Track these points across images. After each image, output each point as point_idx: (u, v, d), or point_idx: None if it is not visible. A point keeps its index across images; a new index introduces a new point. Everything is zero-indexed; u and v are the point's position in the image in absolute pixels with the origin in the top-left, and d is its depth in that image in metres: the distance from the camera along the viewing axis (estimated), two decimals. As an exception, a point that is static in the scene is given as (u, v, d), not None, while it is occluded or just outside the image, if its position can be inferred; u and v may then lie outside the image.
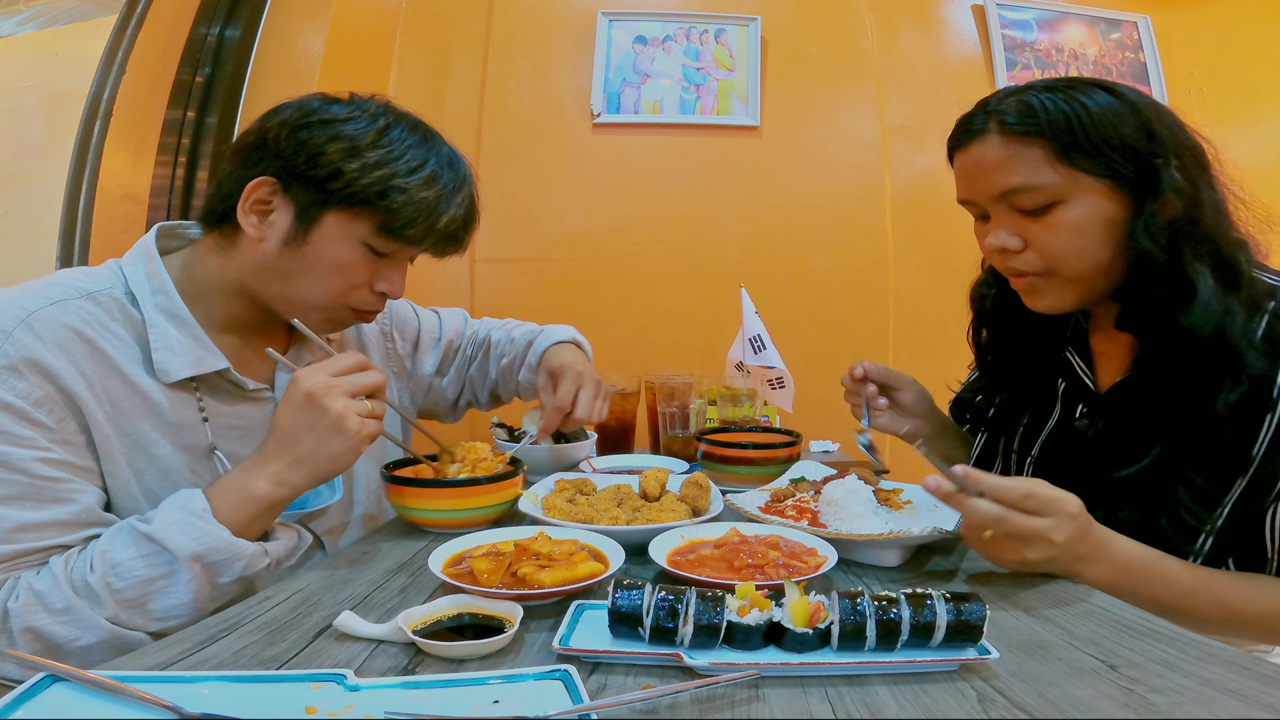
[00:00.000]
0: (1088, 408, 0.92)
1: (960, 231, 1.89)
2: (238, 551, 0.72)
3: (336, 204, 0.81)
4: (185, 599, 0.71)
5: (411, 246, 0.88)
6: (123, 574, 0.70)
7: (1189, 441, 0.78)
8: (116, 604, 0.70)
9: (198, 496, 0.73)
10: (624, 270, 2.25)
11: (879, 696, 0.50)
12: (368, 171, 0.80)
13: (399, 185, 0.82)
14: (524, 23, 2.34)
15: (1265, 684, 0.50)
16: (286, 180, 0.81)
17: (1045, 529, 0.69)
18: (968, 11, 2.40)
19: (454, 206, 0.87)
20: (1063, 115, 0.79)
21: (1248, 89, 2.27)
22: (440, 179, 0.85)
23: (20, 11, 2.17)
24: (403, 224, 0.83)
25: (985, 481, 0.69)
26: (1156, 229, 0.78)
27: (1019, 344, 1.00)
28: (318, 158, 0.80)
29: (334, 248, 0.83)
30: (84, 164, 1.71)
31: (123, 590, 0.70)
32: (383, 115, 0.84)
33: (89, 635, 0.69)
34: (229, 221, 0.84)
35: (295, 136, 0.81)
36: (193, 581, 0.71)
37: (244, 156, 0.83)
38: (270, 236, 0.83)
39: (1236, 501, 0.76)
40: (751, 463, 1.13)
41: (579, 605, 0.62)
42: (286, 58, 1.96)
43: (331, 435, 0.74)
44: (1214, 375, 0.76)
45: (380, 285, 0.89)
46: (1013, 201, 0.83)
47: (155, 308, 0.82)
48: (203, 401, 0.86)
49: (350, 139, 0.81)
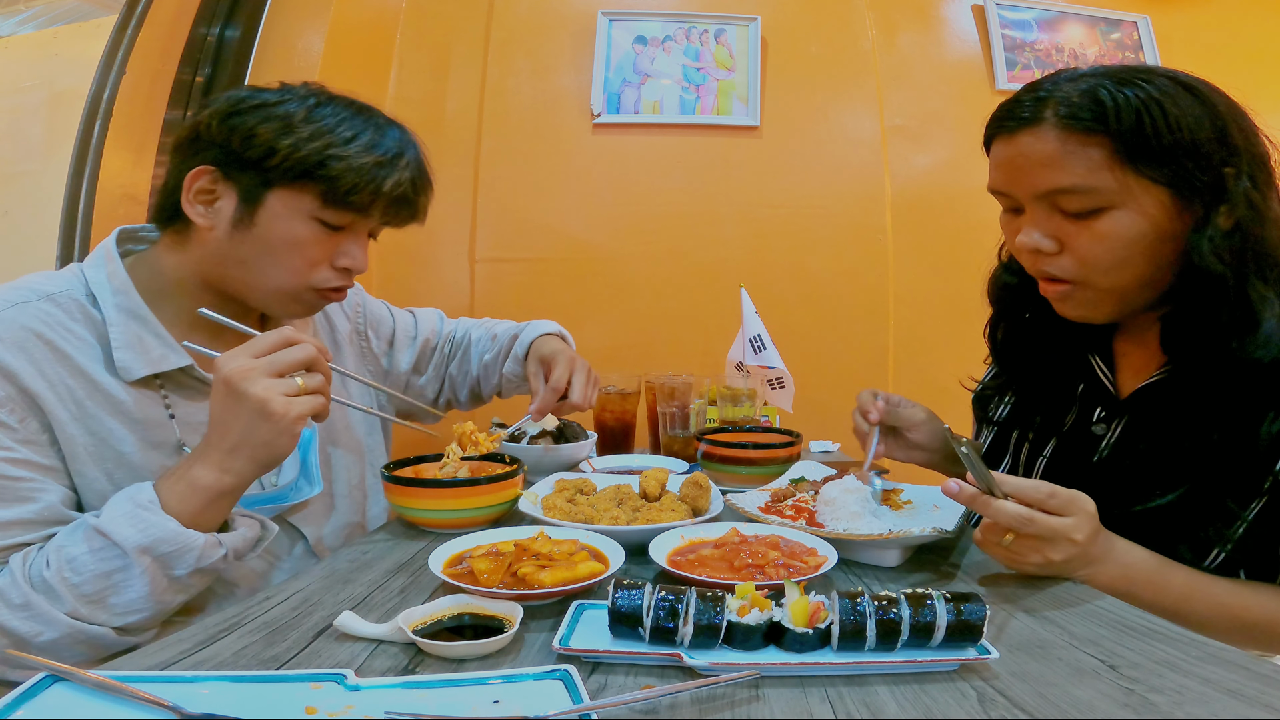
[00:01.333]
0: (1106, 411, 0.88)
1: (960, 231, 1.89)
2: (187, 543, 0.70)
3: (278, 181, 0.82)
4: (142, 592, 0.70)
5: (362, 216, 0.87)
6: (78, 569, 0.69)
7: (1216, 468, 0.75)
8: (75, 599, 0.69)
9: (145, 489, 0.72)
10: (624, 270, 2.26)
11: (879, 696, 0.50)
12: (302, 145, 0.81)
13: (336, 154, 0.82)
14: (524, 23, 2.34)
15: (1265, 684, 0.50)
16: (225, 167, 0.82)
17: (1068, 528, 0.68)
18: (968, 11, 2.40)
19: (398, 170, 0.87)
20: (1134, 112, 0.71)
21: (1248, 89, 2.26)
22: (379, 146, 0.85)
23: (20, 11, 2.17)
24: (346, 191, 0.83)
25: (1008, 483, 0.69)
26: (1222, 246, 0.72)
27: (1039, 341, 0.94)
28: (251, 139, 0.81)
29: (284, 226, 0.83)
30: (84, 164, 1.71)
31: (79, 585, 0.69)
32: (313, 96, 0.85)
33: (51, 631, 0.68)
34: (180, 217, 0.85)
35: (227, 123, 0.82)
36: (145, 574, 0.69)
37: (182, 151, 0.85)
38: (219, 223, 0.83)
39: (1255, 517, 0.74)
40: (751, 463, 1.13)
41: (579, 605, 0.62)
42: (286, 58, 1.96)
43: (258, 421, 0.71)
44: (1259, 403, 0.72)
45: (342, 260, 0.89)
46: (1057, 201, 0.76)
47: (116, 307, 0.83)
48: (169, 399, 0.86)
49: (282, 118, 0.82)
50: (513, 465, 0.96)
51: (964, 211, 2.14)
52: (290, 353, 0.74)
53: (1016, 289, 0.94)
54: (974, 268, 1.03)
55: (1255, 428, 0.72)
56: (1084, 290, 0.80)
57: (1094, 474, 0.86)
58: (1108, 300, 0.80)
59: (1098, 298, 0.80)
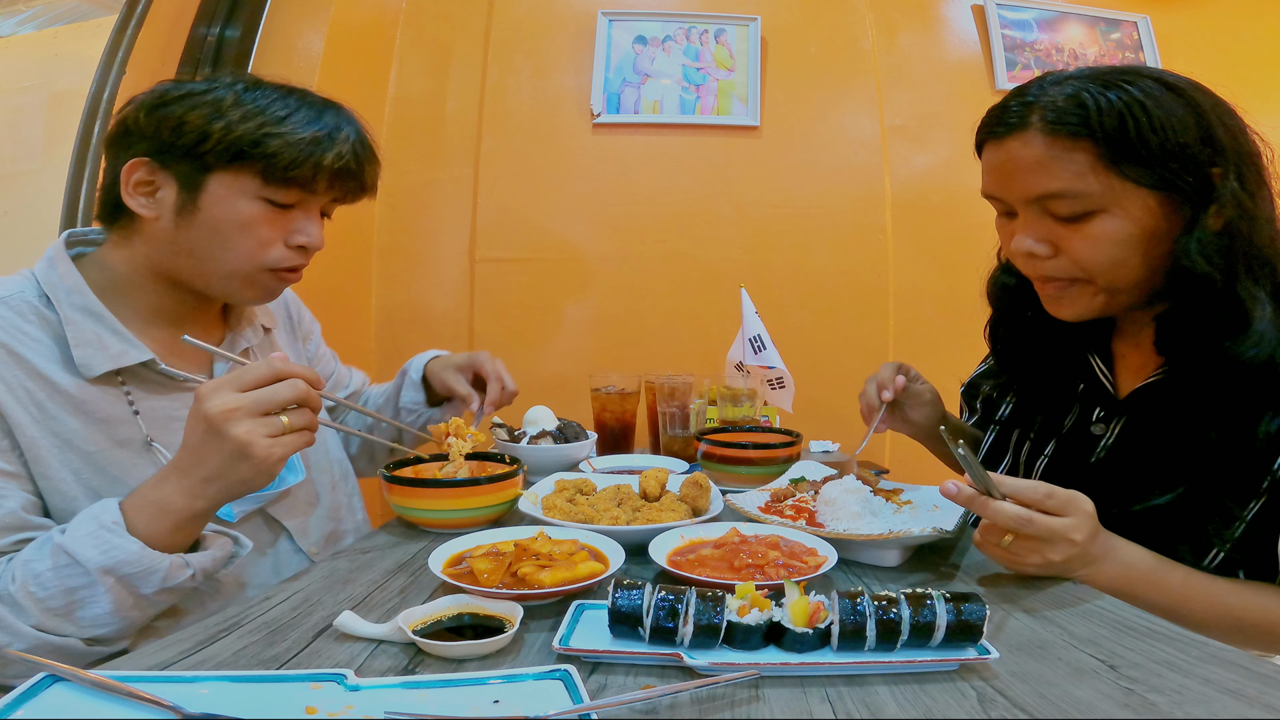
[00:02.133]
0: (1105, 411, 0.88)
1: (960, 231, 1.90)
2: (151, 565, 0.68)
3: (216, 165, 0.81)
4: (107, 609, 0.68)
5: (308, 192, 0.86)
6: (43, 584, 0.67)
7: (1214, 467, 0.75)
8: (40, 612, 0.67)
9: (111, 507, 0.70)
10: (624, 270, 2.26)
11: (879, 696, 0.50)
12: (235, 126, 0.80)
13: (271, 132, 0.81)
14: (524, 23, 2.34)
15: (1265, 684, 0.50)
16: (160, 156, 0.82)
17: (1067, 529, 0.68)
18: (968, 11, 2.40)
19: (338, 143, 0.86)
20: (1117, 116, 0.71)
21: (1248, 89, 2.26)
22: (316, 123, 0.85)
23: (20, 11, 2.17)
24: (285, 166, 0.82)
25: (1006, 484, 0.69)
26: (1211, 246, 0.72)
27: (1039, 341, 0.95)
28: (181, 127, 0.80)
29: (228, 208, 0.83)
30: (84, 164, 1.71)
31: (45, 600, 0.67)
32: (240, 82, 0.85)
33: (19, 642, 0.67)
34: (124, 213, 0.84)
35: (154, 114, 0.81)
36: (109, 592, 0.67)
37: (115, 146, 0.84)
38: (163, 213, 0.83)
39: (1254, 517, 0.74)
40: (751, 463, 1.13)
41: (579, 605, 0.62)
42: (286, 58, 1.96)
43: (236, 462, 0.68)
44: (1256, 403, 0.72)
45: (297, 239, 0.88)
46: (1047, 206, 0.77)
47: (71, 306, 0.82)
48: (131, 395, 0.84)
49: (211, 104, 0.81)
50: (513, 465, 0.96)
51: (964, 211, 2.14)
52: (278, 390, 0.70)
53: (1015, 290, 0.94)
54: (974, 267, 1.03)
55: (1252, 428, 0.72)
56: (1076, 288, 0.80)
57: (1093, 474, 0.86)
58: (1099, 299, 0.80)
59: (1090, 296, 0.80)
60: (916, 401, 1.07)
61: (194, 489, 0.70)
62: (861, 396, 1.09)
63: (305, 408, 0.73)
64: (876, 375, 1.08)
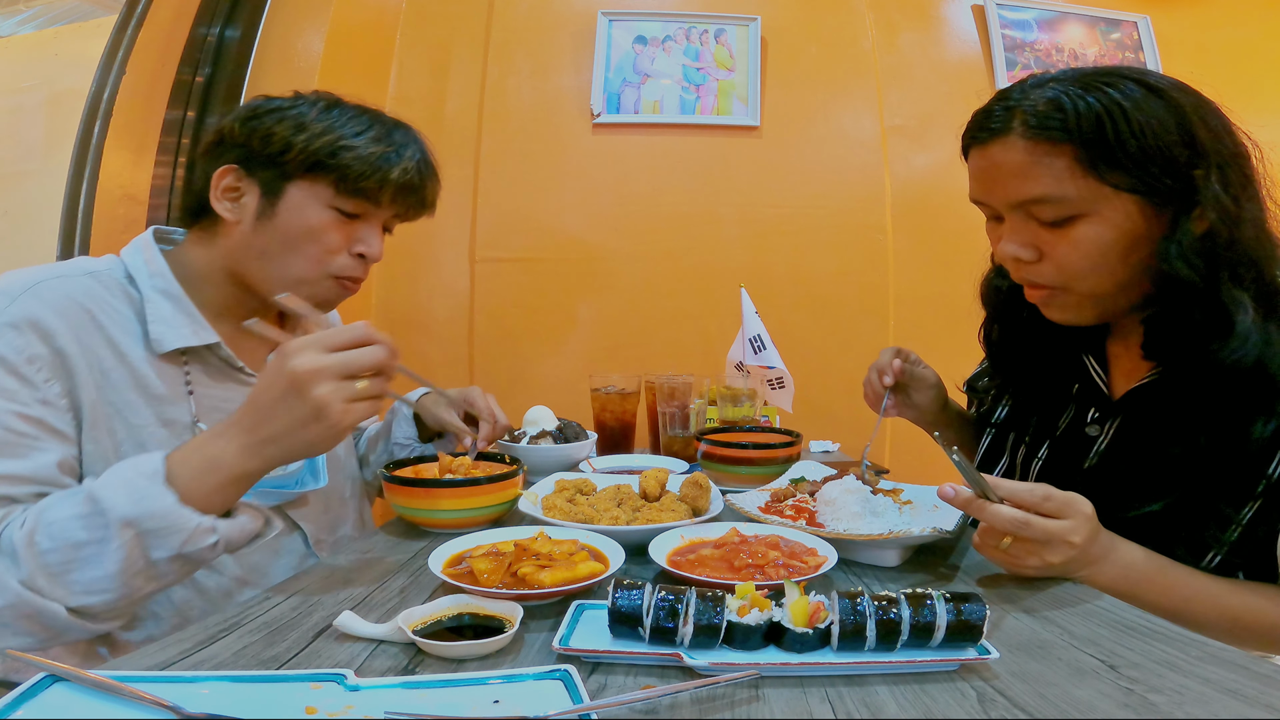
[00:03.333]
0: (1099, 412, 0.88)
1: (960, 231, 1.90)
2: (178, 522, 0.65)
3: (295, 174, 0.89)
4: (110, 570, 0.65)
5: (374, 204, 0.93)
6: (53, 534, 0.65)
7: (1208, 472, 0.74)
8: (35, 567, 0.65)
9: (154, 458, 0.68)
10: (624, 270, 2.26)
11: (879, 696, 0.50)
12: (315, 139, 0.88)
13: (346, 145, 0.89)
14: (524, 23, 2.34)
15: (1265, 684, 0.50)
16: (248, 165, 0.89)
17: (1065, 531, 0.68)
18: (968, 11, 2.40)
19: (404, 159, 0.93)
20: (1095, 117, 0.71)
21: (1248, 89, 2.27)
22: (385, 139, 0.92)
23: (20, 11, 2.17)
24: (357, 177, 0.89)
25: (1003, 487, 0.69)
26: (1191, 250, 0.71)
27: (1032, 343, 0.95)
28: (269, 138, 0.88)
29: (302, 215, 0.89)
30: (84, 164, 1.71)
31: (47, 553, 0.65)
32: (323, 100, 0.93)
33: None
34: (206, 215, 0.92)
35: (247, 126, 0.89)
36: (121, 550, 0.64)
37: (208, 154, 0.92)
38: (244, 217, 0.90)
39: (1250, 520, 0.74)
40: (751, 463, 1.13)
41: (579, 605, 0.62)
42: (286, 58, 1.96)
43: (309, 424, 0.67)
44: (1248, 406, 0.72)
45: (358, 248, 0.94)
46: (1031, 211, 0.77)
47: (152, 287, 0.88)
48: (190, 375, 0.90)
49: (295, 118, 0.89)
50: (513, 465, 0.96)
51: (964, 211, 2.13)
52: (364, 354, 0.69)
53: (1008, 292, 0.94)
54: (974, 267, 1.03)
55: (1244, 431, 0.72)
56: (1065, 295, 0.80)
57: (1088, 476, 0.86)
58: (1090, 305, 0.80)
59: (1079, 302, 0.80)
60: (920, 385, 1.08)
61: (251, 447, 0.68)
62: (866, 384, 1.10)
63: (381, 376, 0.71)
64: (877, 362, 1.09)
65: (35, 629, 0.66)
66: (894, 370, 1.05)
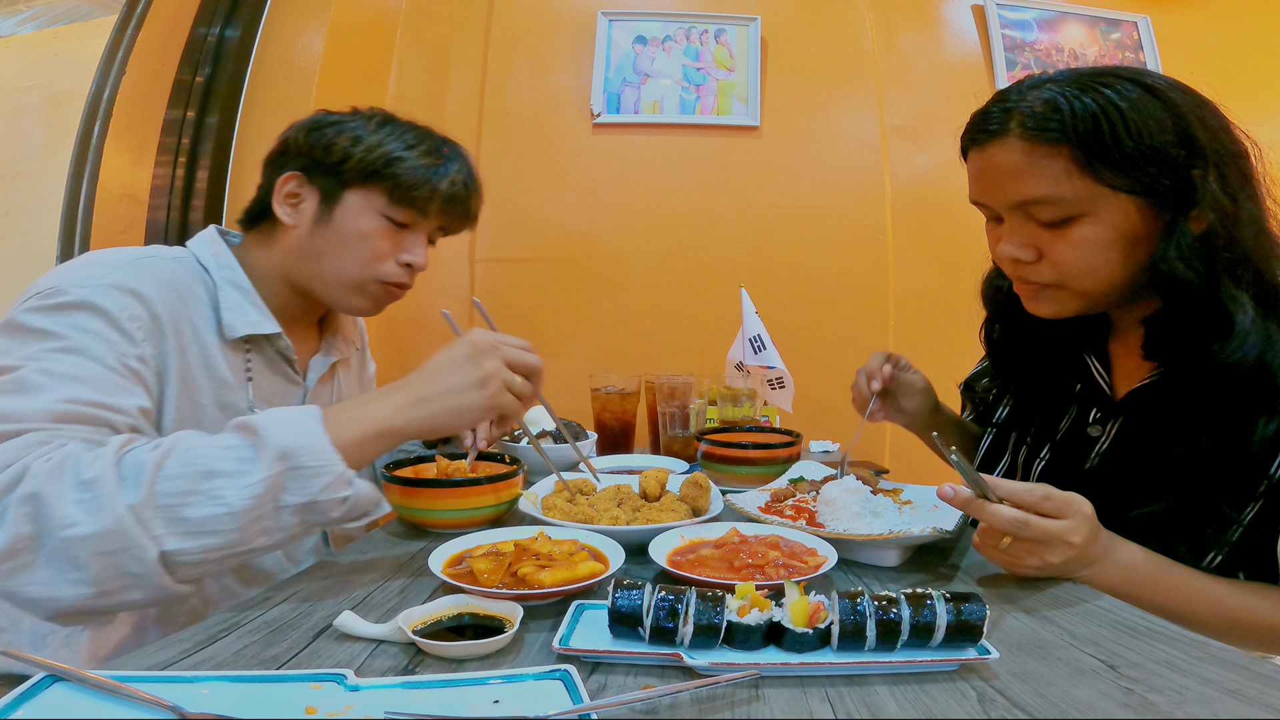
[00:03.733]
0: (1101, 412, 0.88)
1: (960, 231, 1.90)
2: (327, 463, 0.66)
3: (353, 182, 0.96)
4: (234, 507, 0.63)
5: (422, 214, 1.00)
6: (188, 460, 0.64)
7: (1209, 472, 0.74)
8: (150, 494, 0.62)
9: (310, 408, 0.70)
10: (624, 270, 2.25)
11: (879, 696, 0.50)
12: (373, 150, 0.95)
13: (400, 156, 0.96)
14: (524, 23, 2.34)
15: (1265, 684, 0.50)
16: (309, 172, 0.97)
17: (1064, 531, 0.68)
18: (968, 11, 2.40)
19: (452, 171, 1.00)
20: (1091, 118, 0.71)
21: (1248, 89, 2.27)
22: (435, 152, 1.00)
23: (20, 11, 2.17)
24: (409, 187, 0.96)
25: (1002, 487, 0.69)
26: (1190, 251, 0.71)
27: (1034, 343, 0.95)
28: (330, 148, 0.95)
29: (356, 221, 0.96)
30: (84, 164, 1.71)
31: (171, 479, 0.63)
32: (378, 115, 1.00)
33: (90, 524, 0.61)
34: (266, 219, 0.99)
35: (310, 137, 0.97)
36: (260, 486, 0.64)
37: (271, 163, 1.00)
38: (302, 221, 0.97)
39: (1252, 520, 0.74)
40: (751, 463, 1.13)
41: (579, 605, 0.62)
42: (286, 58, 1.96)
43: (470, 389, 0.76)
44: (1250, 406, 0.72)
45: (405, 256, 1.00)
46: (1030, 211, 0.77)
47: (223, 278, 0.95)
48: (250, 363, 0.96)
49: (354, 130, 0.97)
50: (513, 465, 0.96)
51: (964, 211, 2.12)
52: (526, 355, 0.81)
53: (1009, 292, 0.94)
54: (974, 267, 1.03)
55: (1247, 431, 0.72)
56: (1057, 290, 0.80)
57: (1090, 476, 0.86)
58: (1078, 300, 0.80)
59: (1068, 298, 0.80)
60: (908, 390, 1.08)
61: (404, 406, 0.74)
62: (853, 387, 1.10)
63: (530, 382, 0.82)
64: (865, 366, 1.08)
65: (105, 570, 0.62)
66: (883, 376, 1.05)
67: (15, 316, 0.77)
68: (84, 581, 0.61)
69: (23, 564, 0.61)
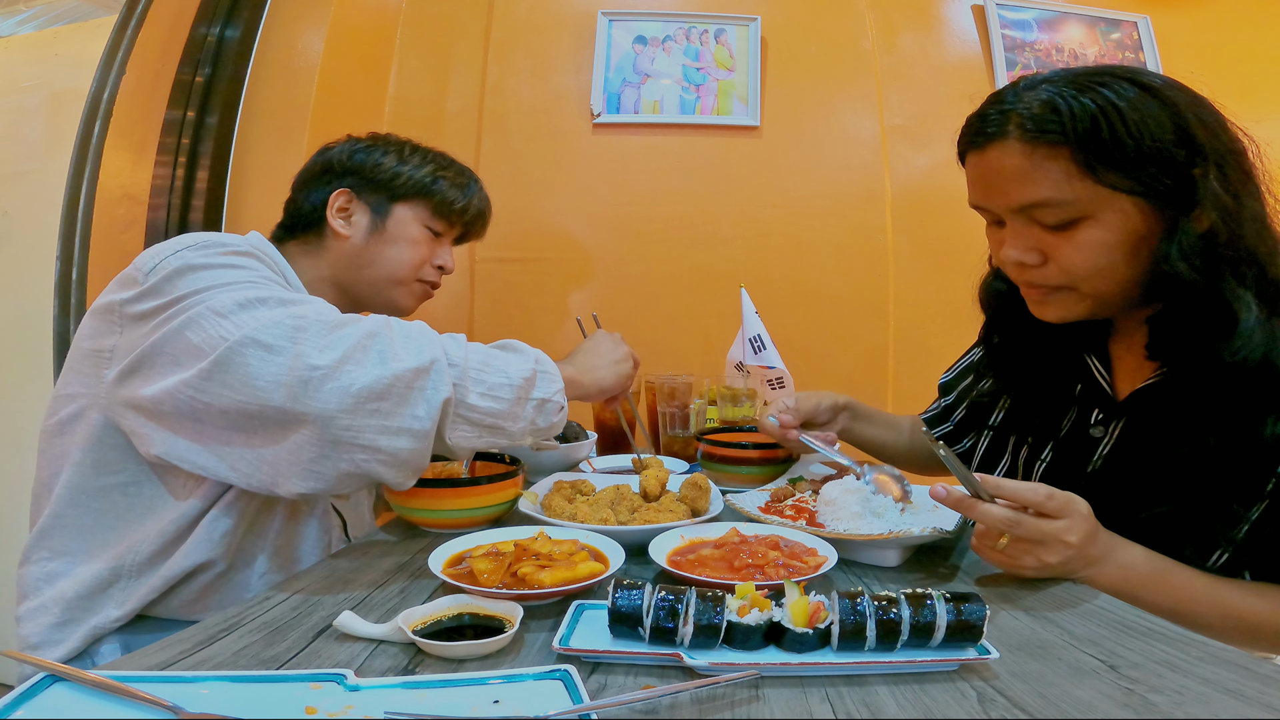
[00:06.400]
0: (1104, 414, 0.88)
1: (960, 231, 1.89)
2: (555, 372, 0.87)
3: (400, 197, 1.11)
4: (513, 378, 0.81)
5: (451, 226, 1.17)
6: (474, 347, 0.83)
7: (1216, 472, 0.74)
8: (465, 354, 0.80)
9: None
10: (624, 270, 2.25)
11: (879, 696, 0.50)
12: (417, 170, 1.12)
13: (441, 176, 1.14)
14: (524, 23, 2.33)
15: (1265, 684, 0.50)
16: (358, 189, 1.10)
17: (1060, 530, 0.67)
18: (968, 11, 2.40)
19: (476, 192, 1.20)
20: (1090, 118, 0.71)
21: (1248, 89, 2.27)
22: (461, 174, 1.18)
23: (20, 11, 2.17)
24: (450, 202, 1.14)
25: (1004, 487, 0.68)
26: (1192, 250, 0.71)
27: (1034, 345, 0.94)
28: (378, 168, 1.10)
29: (406, 230, 1.11)
30: (84, 164, 1.71)
31: (471, 353, 0.81)
32: (407, 144, 1.16)
33: (409, 359, 0.74)
34: (310, 230, 1.10)
35: (355, 158, 1.11)
36: (528, 370, 0.83)
37: (315, 181, 1.11)
38: (355, 233, 1.09)
39: (1257, 519, 0.73)
40: (751, 463, 1.13)
41: (579, 605, 0.62)
42: (286, 58, 1.96)
43: (616, 363, 1.02)
44: (1257, 405, 0.71)
45: (439, 260, 1.18)
46: (1033, 215, 0.76)
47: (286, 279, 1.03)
48: None
49: (395, 154, 1.12)
50: (513, 465, 0.96)
51: (964, 211, 2.12)
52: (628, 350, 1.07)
53: (1008, 295, 0.93)
54: (974, 268, 1.03)
55: (1255, 430, 0.72)
56: (1064, 294, 0.80)
57: (1094, 478, 0.86)
58: (1085, 303, 0.80)
59: (1076, 300, 0.80)
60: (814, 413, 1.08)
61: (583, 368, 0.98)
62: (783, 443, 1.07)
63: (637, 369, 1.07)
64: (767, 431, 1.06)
65: (393, 414, 0.72)
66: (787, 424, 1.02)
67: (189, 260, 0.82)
68: (395, 414, 0.73)
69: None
